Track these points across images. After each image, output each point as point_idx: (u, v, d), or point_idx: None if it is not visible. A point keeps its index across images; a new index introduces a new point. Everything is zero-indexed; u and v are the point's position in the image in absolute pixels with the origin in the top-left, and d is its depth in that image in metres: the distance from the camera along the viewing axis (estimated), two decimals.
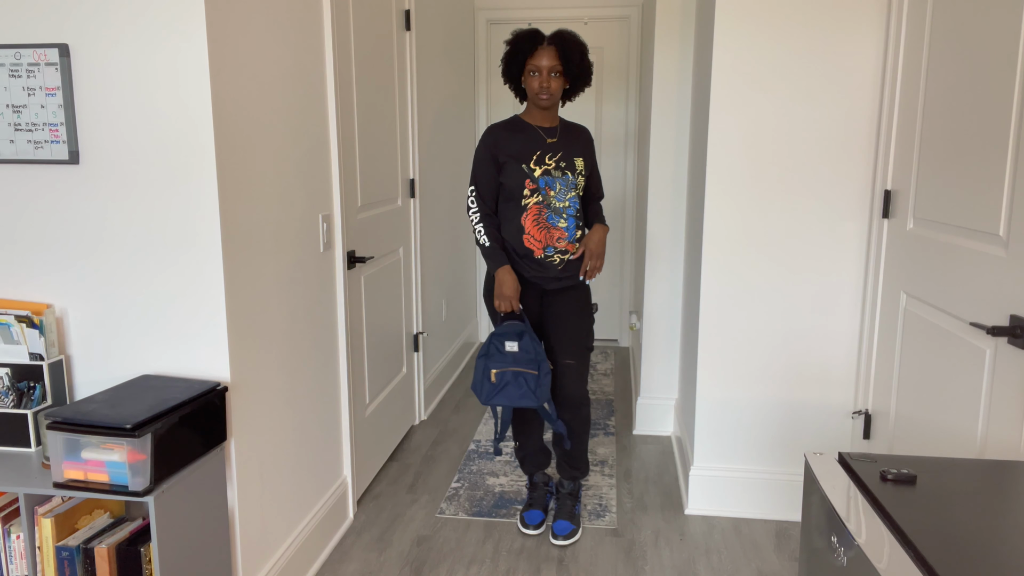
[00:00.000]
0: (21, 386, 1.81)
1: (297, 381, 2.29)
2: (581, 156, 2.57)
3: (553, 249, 2.53)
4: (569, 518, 2.68)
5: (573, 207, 2.54)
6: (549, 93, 2.47)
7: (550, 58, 2.45)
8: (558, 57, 2.45)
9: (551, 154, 2.53)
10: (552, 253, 2.53)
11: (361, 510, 2.85)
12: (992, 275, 1.70)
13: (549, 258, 2.53)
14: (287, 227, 2.19)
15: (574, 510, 2.73)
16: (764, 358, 2.70)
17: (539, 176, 2.50)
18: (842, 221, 2.58)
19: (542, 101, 2.49)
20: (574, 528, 2.66)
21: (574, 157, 2.56)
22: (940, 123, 2.01)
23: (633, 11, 4.78)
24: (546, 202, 2.50)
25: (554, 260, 2.54)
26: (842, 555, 1.10)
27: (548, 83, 2.46)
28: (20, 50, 1.76)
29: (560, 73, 2.48)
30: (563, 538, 2.61)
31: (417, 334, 3.66)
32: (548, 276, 2.56)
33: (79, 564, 1.64)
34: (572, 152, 2.56)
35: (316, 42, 2.38)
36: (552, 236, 2.52)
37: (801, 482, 2.77)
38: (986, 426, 1.71)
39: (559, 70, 2.47)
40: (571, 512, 2.71)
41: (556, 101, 2.52)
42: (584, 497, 2.95)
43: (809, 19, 2.49)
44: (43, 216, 1.84)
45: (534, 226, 2.51)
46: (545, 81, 2.47)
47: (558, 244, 2.53)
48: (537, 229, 2.51)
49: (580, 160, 2.56)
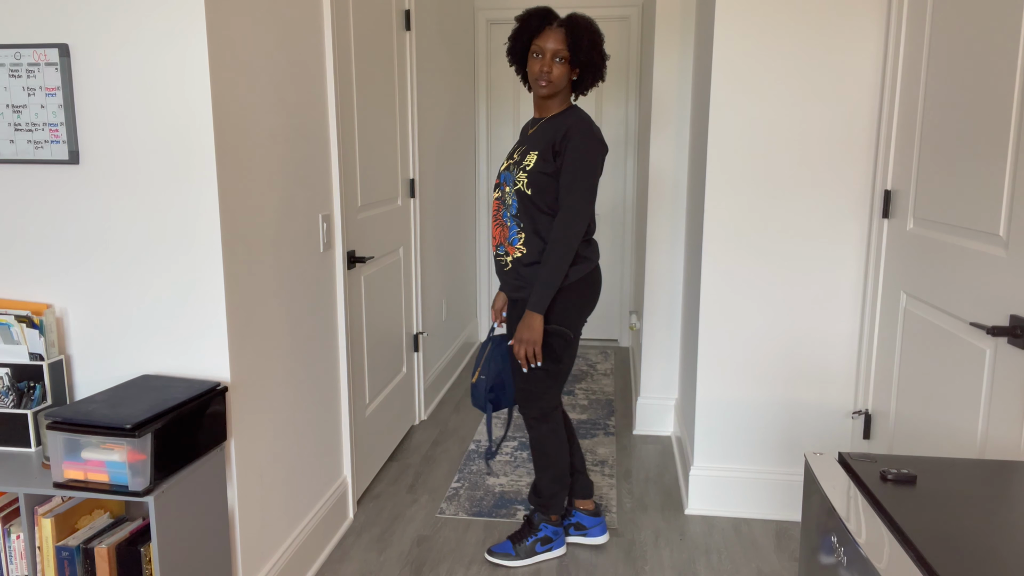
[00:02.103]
0: (21, 386, 1.81)
1: (297, 381, 2.29)
2: (537, 150, 2.28)
3: (503, 248, 2.40)
4: (512, 541, 2.50)
5: (514, 206, 2.33)
6: (548, 80, 2.24)
7: (556, 41, 2.23)
8: (565, 41, 2.22)
9: (519, 148, 2.36)
10: (502, 252, 2.41)
11: (361, 510, 2.85)
12: (992, 275, 1.70)
13: (500, 257, 2.43)
14: (287, 227, 2.19)
15: (523, 540, 2.49)
16: (764, 358, 2.70)
17: (502, 171, 2.40)
18: (842, 221, 2.58)
19: (540, 88, 2.26)
20: (510, 555, 2.47)
21: (530, 151, 2.31)
22: (940, 123, 2.01)
23: (633, 11, 4.78)
24: (502, 198, 2.38)
25: (504, 259, 2.41)
26: (842, 555, 1.10)
27: (550, 68, 2.24)
28: (20, 50, 1.76)
29: (566, 60, 2.24)
30: (492, 554, 2.49)
31: (417, 334, 3.66)
32: (506, 279, 2.42)
33: (79, 564, 1.64)
34: (533, 146, 2.31)
35: (316, 42, 2.38)
36: (504, 234, 2.38)
37: (801, 482, 2.77)
38: (986, 426, 1.71)
39: (565, 56, 2.23)
40: (517, 537, 2.50)
41: (557, 91, 2.28)
42: None
43: (809, 19, 2.49)
44: (43, 216, 1.84)
45: (493, 222, 2.45)
46: (547, 65, 2.24)
47: (505, 243, 2.39)
48: (495, 225, 2.44)
49: (534, 154, 2.29)
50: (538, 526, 2.50)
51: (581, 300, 2.35)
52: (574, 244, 2.24)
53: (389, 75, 3.16)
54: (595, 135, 2.26)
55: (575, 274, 2.31)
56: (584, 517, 2.58)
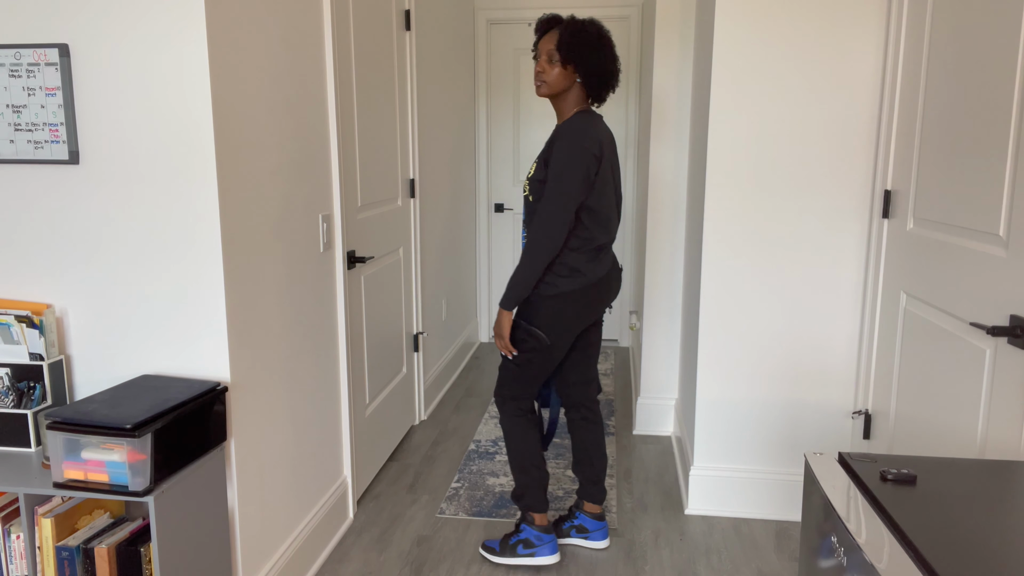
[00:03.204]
0: (21, 386, 1.81)
1: (297, 381, 2.29)
2: (537, 158, 2.33)
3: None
4: (502, 538, 2.55)
5: (524, 212, 2.39)
6: (542, 80, 2.28)
7: (549, 41, 2.27)
8: (556, 41, 2.25)
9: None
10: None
11: (361, 510, 2.85)
12: (992, 275, 1.70)
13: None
14: (287, 227, 2.19)
15: (508, 539, 2.50)
16: (764, 358, 2.70)
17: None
18: (842, 221, 2.58)
19: (536, 89, 2.31)
20: (494, 549, 2.50)
21: (536, 159, 2.40)
22: (940, 123, 2.01)
23: (633, 11, 4.78)
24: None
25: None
26: (842, 555, 1.10)
27: (543, 68, 2.28)
28: (20, 50, 1.76)
29: (559, 60, 2.24)
30: (483, 547, 2.53)
31: (417, 334, 3.66)
32: None
33: (79, 564, 1.64)
34: (539, 154, 2.41)
35: (316, 42, 2.38)
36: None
37: (801, 482, 2.77)
38: (986, 426, 1.71)
39: (557, 56, 2.24)
40: (506, 535, 2.52)
41: (554, 92, 2.29)
42: None
43: (809, 19, 2.49)
44: (43, 216, 1.84)
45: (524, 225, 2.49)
46: (540, 65, 2.29)
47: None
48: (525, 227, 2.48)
49: (535, 162, 2.34)
50: (519, 526, 2.50)
51: (570, 312, 2.31)
52: (546, 247, 2.22)
53: (389, 75, 3.16)
54: (580, 142, 2.21)
55: (566, 285, 2.29)
56: (588, 520, 2.58)
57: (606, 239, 2.34)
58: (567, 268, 2.29)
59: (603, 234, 2.32)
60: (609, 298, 2.42)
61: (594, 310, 2.37)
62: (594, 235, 2.30)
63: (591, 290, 2.33)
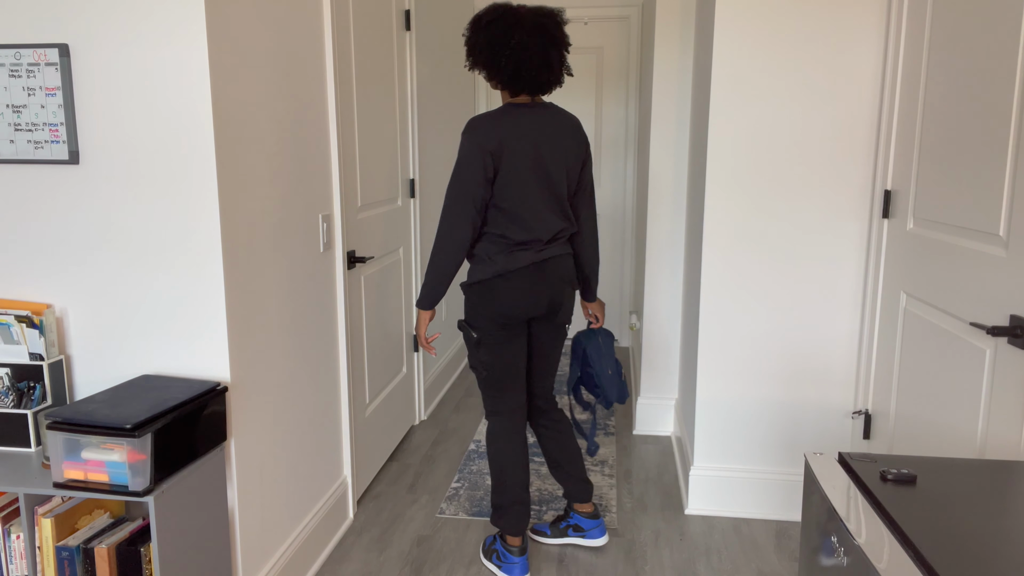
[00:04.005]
0: (21, 386, 1.81)
1: (297, 381, 2.29)
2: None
3: None
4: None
5: None
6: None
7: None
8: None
9: None
10: None
11: (361, 510, 2.85)
12: (992, 275, 1.70)
13: None
14: (287, 227, 2.19)
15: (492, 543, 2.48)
16: (764, 358, 2.70)
17: None
18: (842, 221, 2.58)
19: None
20: (484, 543, 2.52)
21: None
22: (940, 123, 2.01)
23: (633, 11, 4.78)
24: None
25: None
26: (842, 555, 1.10)
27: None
28: (20, 50, 1.76)
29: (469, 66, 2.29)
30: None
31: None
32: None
33: (79, 564, 1.64)
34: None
35: (316, 42, 2.38)
36: None
37: (801, 482, 2.77)
38: (986, 426, 1.71)
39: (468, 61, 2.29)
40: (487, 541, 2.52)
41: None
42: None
43: (809, 19, 2.49)
44: (43, 216, 1.84)
45: None
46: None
47: None
48: None
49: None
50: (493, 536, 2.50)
51: (483, 304, 2.26)
52: (444, 246, 2.20)
53: (389, 75, 3.16)
54: (471, 138, 2.15)
55: (476, 274, 2.25)
56: (582, 519, 2.58)
57: (526, 237, 2.21)
58: (479, 258, 2.27)
59: (521, 232, 2.20)
60: (539, 294, 2.25)
61: (520, 306, 2.24)
62: (507, 233, 2.21)
63: (504, 281, 2.22)
